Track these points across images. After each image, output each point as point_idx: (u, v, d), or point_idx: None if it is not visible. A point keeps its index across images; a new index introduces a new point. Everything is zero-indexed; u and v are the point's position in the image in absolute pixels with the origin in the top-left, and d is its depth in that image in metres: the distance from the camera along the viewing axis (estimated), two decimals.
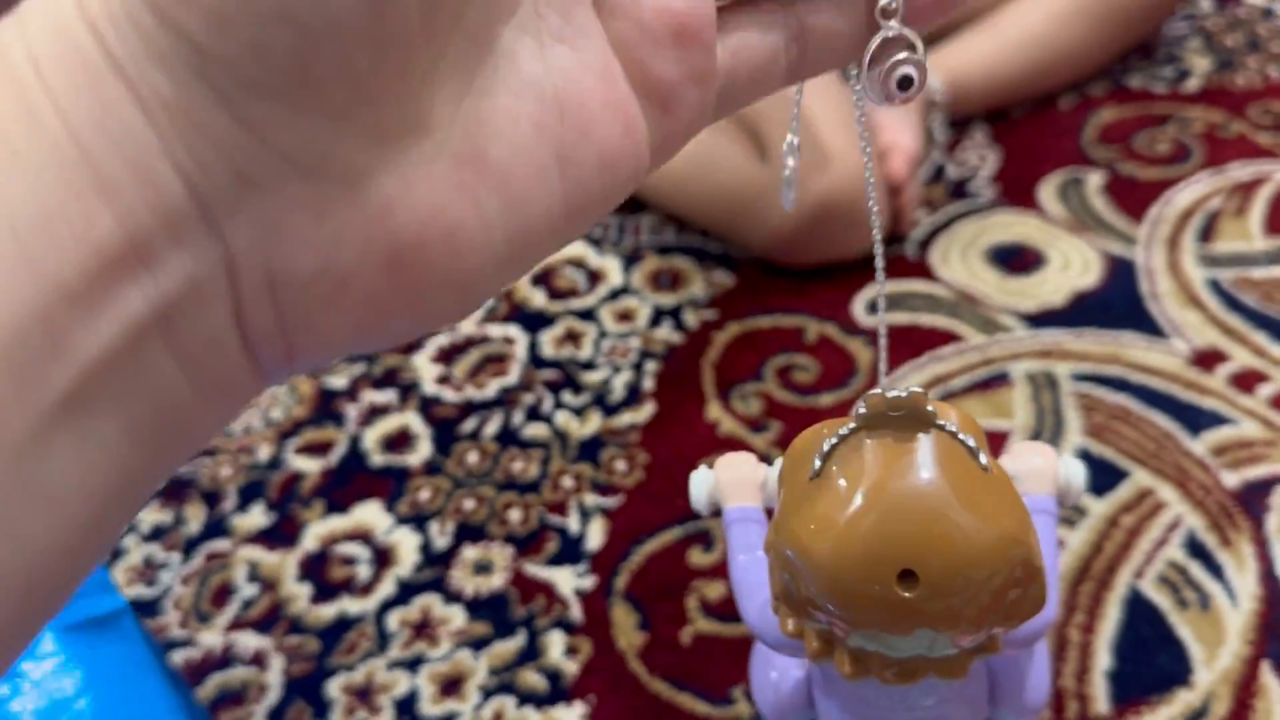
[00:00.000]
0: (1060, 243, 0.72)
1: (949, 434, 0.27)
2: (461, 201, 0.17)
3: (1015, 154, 0.80)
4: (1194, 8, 0.95)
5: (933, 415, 0.27)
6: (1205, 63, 0.88)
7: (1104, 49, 0.84)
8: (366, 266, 0.17)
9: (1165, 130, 0.81)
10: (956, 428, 0.27)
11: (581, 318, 0.71)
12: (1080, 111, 0.84)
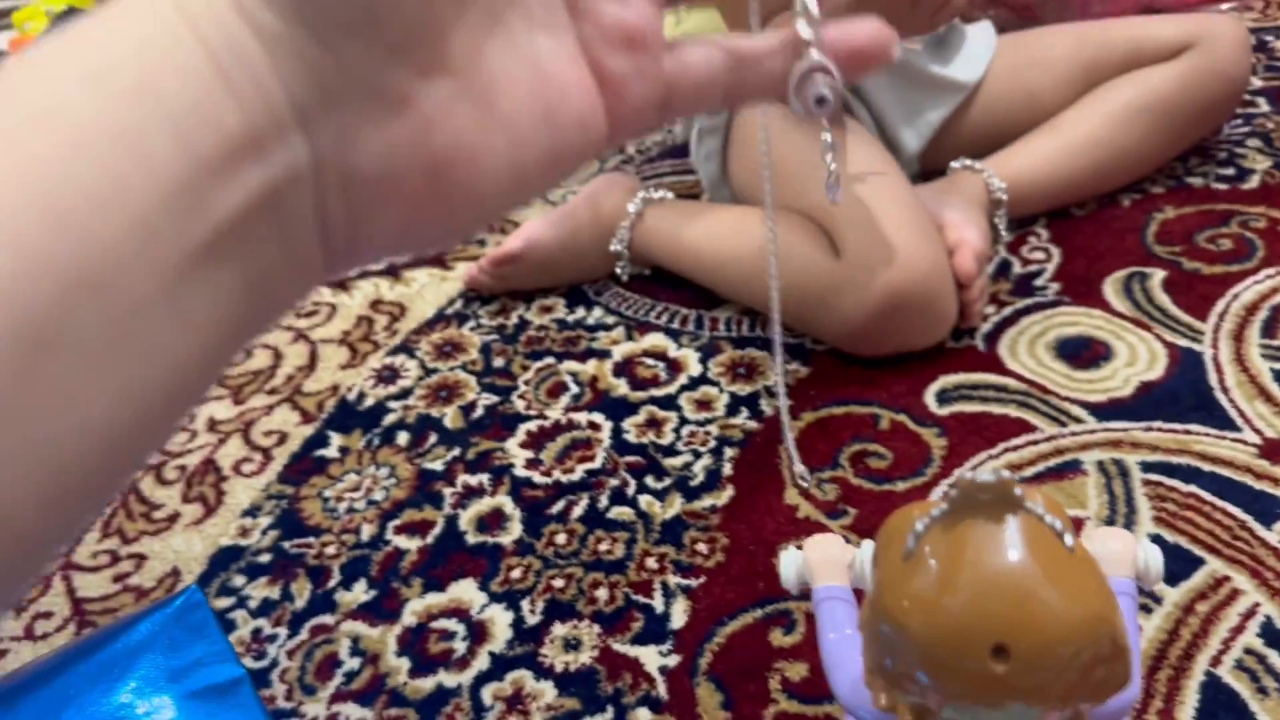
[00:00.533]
0: (1126, 336, 0.74)
1: (1036, 516, 0.29)
2: (479, 134, 0.23)
3: (1079, 251, 0.83)
4: (1252, 108, 0.98)
5: (1020, 498, 0.29)
6: (1265, 161, 0.90)
7: (1164, 150, 0.87)
8: (412, 173, 0.22)
9: (1227, 227, 0.83)
10: (1043, 510, 0.29)
11: (662, 406, 0.75)
12: (1142, 209, 0.86)
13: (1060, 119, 0.86)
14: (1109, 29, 0.89)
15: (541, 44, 0.24)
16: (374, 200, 0.22)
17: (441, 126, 0.22)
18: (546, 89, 0.24)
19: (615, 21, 0.24)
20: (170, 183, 0.19)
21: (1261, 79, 1.02)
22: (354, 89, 0.21)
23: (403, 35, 0.21)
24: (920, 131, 0.89)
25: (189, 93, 0.20)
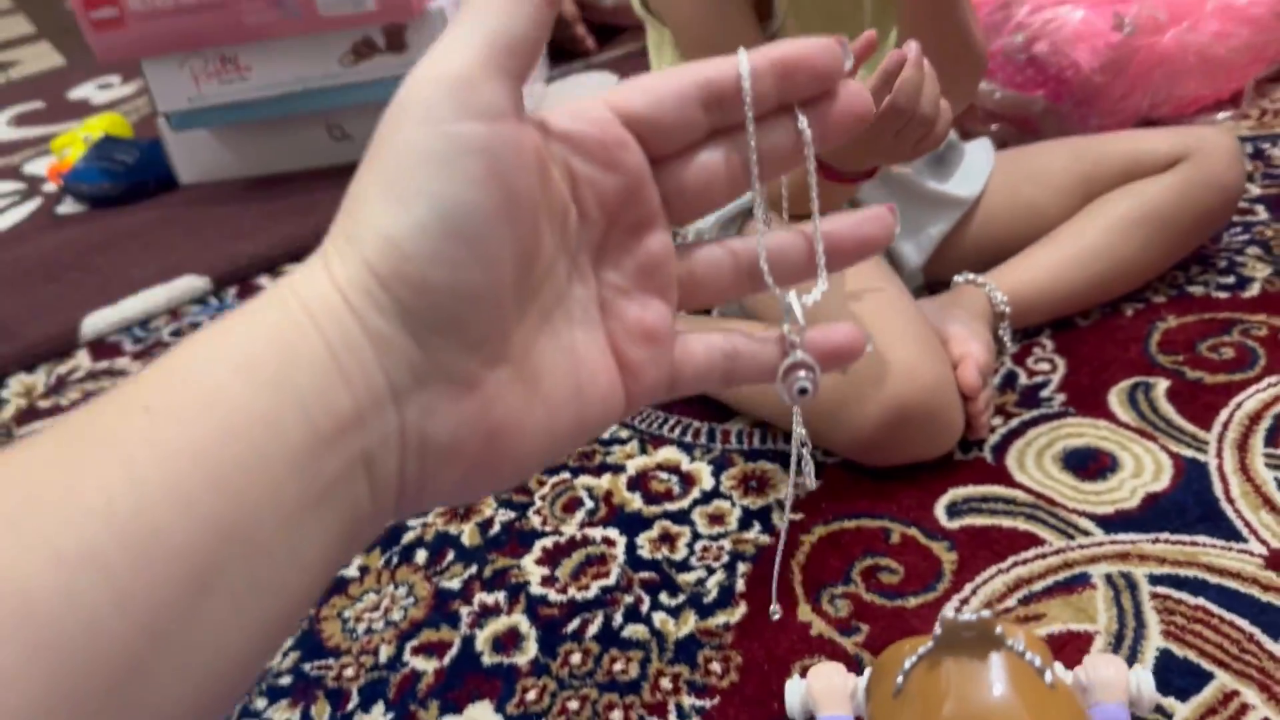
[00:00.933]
0: (1132, 447, 0.75)
1: (1017, 654, 0.31)
2: (525, 409, 0.29)
3: (1083, 361, 0.85)
4: (1251, 216, 1.00)
5: (1001, 637, 0.31)
6: (1265, 269, 0.92)
7: (1163, 259, 0.89)
8: (474, 440, 0.28)
9: (1229, 336, 0.85)
10: (1024, 648, 0.31)
11: (676, 520, 0.76)
12: (1144, 319, 0.88)
13: (1060, 231, 0.89)
14: (1104, 143, 0.92)
15: (579, 336, 0.30)
16: (442, 461, 0.27)
17: (499, 403, 0.28)
18: (580, 372, 0.30)
19: (637, 320, 0.30)
20: (297, 453, 0.24)
21: (1260, 186, 1.05)
22: (438, 375, 0.27)
23: (480, 336, 0.27)
24: (922, 246, 0.92)
25: (314, 382, 0.25)
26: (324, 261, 0.27)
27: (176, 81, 1.32)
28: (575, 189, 0.30)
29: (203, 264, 1.23)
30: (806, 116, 0.30)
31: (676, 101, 0.30)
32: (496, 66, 0.27)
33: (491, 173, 0.26)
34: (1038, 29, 1.04)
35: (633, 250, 0.31)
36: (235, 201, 1.40)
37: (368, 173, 0.27)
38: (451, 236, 0.26)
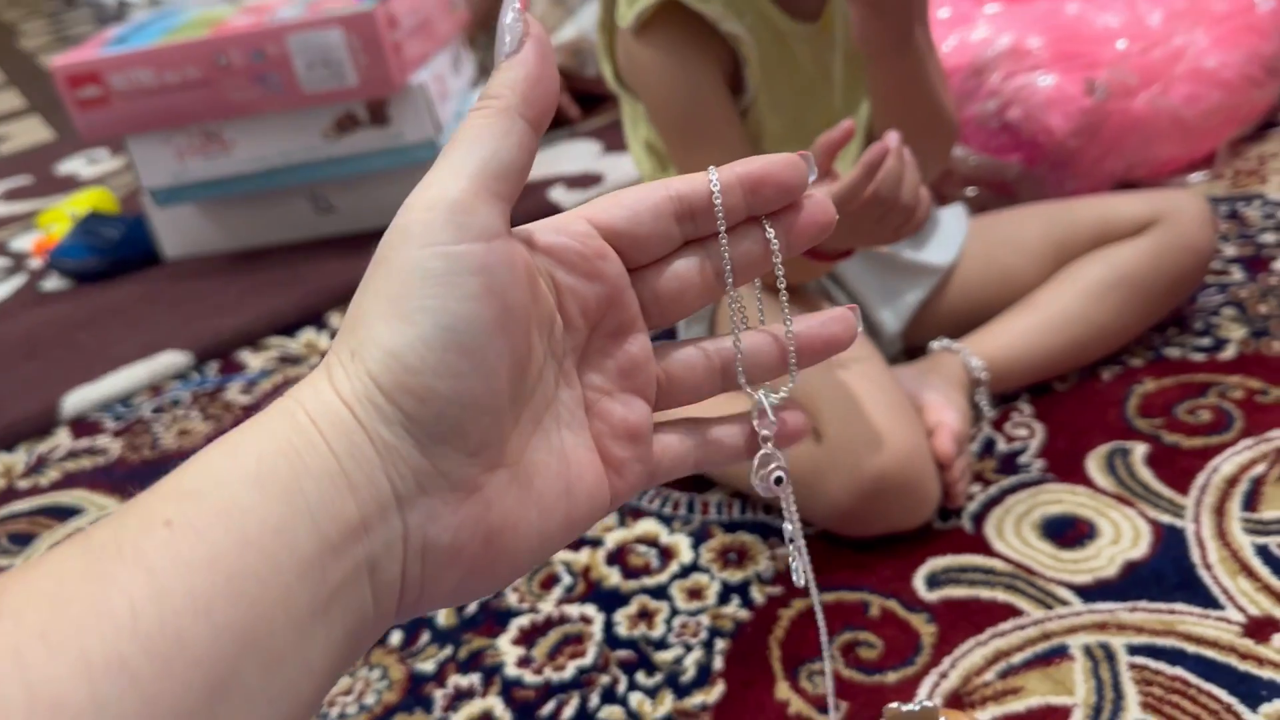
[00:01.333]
0: (1110, 514, 0.75)
1: None
2: (519, 509, 0.30)
3: (1062, 427, 0.85)
4: (1226, 277, 1.00)
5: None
6: (1240, 330, 0.92)
7: (1138, 323, 0.90)
8: (474, 543, 0.29)
9: (1206, 399, 0.85)
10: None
11: (654, 596, 0.75)
12: (1122, 383, 0.88)
13: (1035, 296, 0.89)
14: (1076, 208, 0.93)
15: (567, 438, 0.32)
16: (442, 564, 0.29)
17: (496, 505, 0.29)
18: (569, 473, 0.31)
19: (621, 420, 0.33)
20: (307, 561, 0.26)
21: (1235, 246, 1.06)
22: (441, 482, 0.28)
23: (480, 442, 0.29)
24: (900, 314, 0.92)
25: (322, 492, 0.27)
26: (328, 376, 0.29)
27: (161, 158, 1.33)
28: (560, 299, 0.32)
29: (185, 339, 1.23)
30: (774, 227, 0.32)
31: (652, 215, 0.32)
32: (489, 191, 0.29)
33: (488, 289, 0.28)
34: (1010, 95, 1.05)
35: (614, 354, 0.33)
36: (218, 275, 1.41)
37: (368, 293, 0.29)
38: (453, 349, 0.28)
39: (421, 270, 0.28)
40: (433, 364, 0.28)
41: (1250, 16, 1.19)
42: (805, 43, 0.81)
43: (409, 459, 0.28)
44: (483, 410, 0.29)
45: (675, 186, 0.32)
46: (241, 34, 1.24)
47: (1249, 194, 1.15)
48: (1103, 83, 1.05)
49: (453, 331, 0.28)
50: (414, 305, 0.28)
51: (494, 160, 0.29)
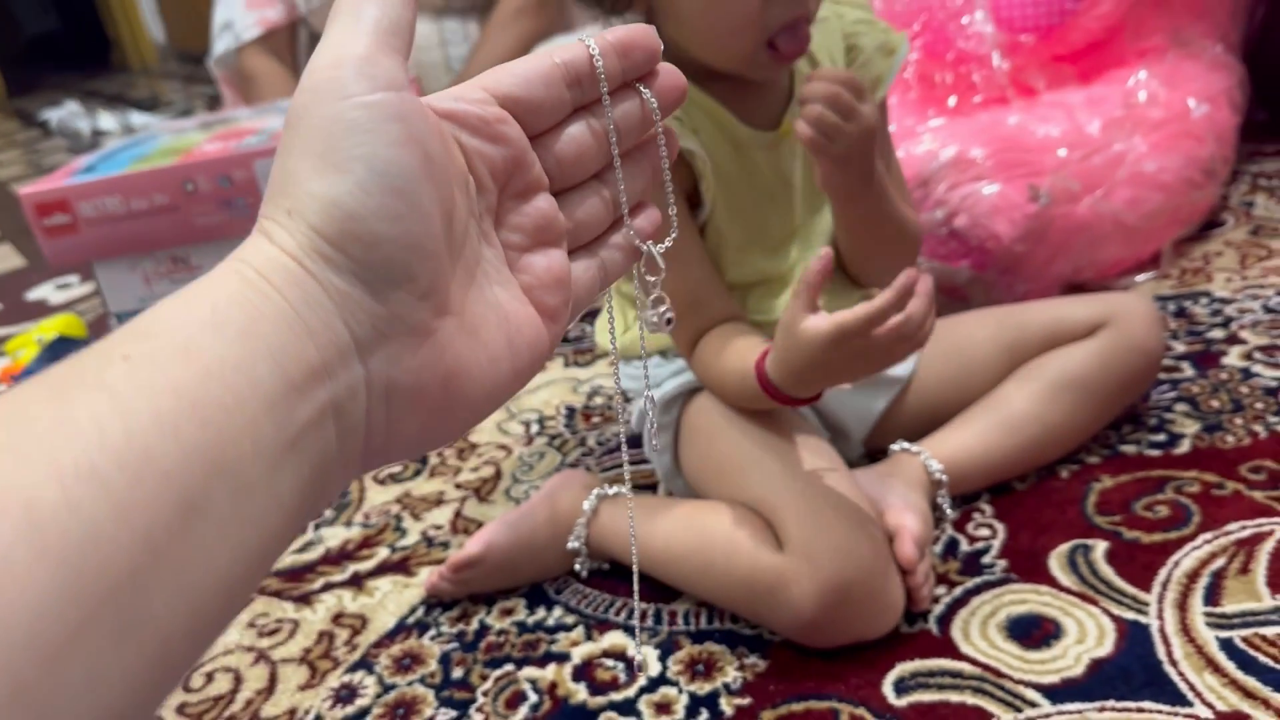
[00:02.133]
0: (1075, 612, 0.75)
1: None
2: (470, 356, 0.32)
3: (1022, 525, 0.85)
4: (1177, 373, 1.03)
5: None
6: (1193, 425, 0.94)
7: (1092, 423, 0.91)
8: (434, 384, 0.31)
9: (1163, 494, 0.86)
10: None
11: (622, 711, 0.74)
12: (1080, 480, 0.89)
13: (991, 398, 0.91)
14: (1027, 312, 0.95)
15: (500, 293, 0.34)
16: (405, 407, 0.31)
17: (449, 350, 0.31)
18: (508, 325, 0.34)
19: (546, 270, 0.35)
20: (271, 398, 0.27)
21: (1184, 344, 1.08)
22: (397, 325, 0.30)
23: (427, 286, 0.31)
24: (864, 422, 0.93)
25: (281, 336, 0.28)
26: (266, 238, 0.29)
27: (128, 283, 1.34)
28: (469, 161, 0.34)
29: None
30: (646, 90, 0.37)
31: (543, 82, 0.35)
32: (388, 46, 0.31)
33: (410, 135, 0.30)
34: (957, 204, 1.09)
35: (525, 212, 0.35)
36: None
37: (292, 154, 0.30)
38: (390, 193, 0.29)
39: (344, 121, 0.29)
40: (373, 208, 0.29)
41: (1186, 123, 1.24)
42: (764, 150, 0.84)
43: (363, 304, 0.29)
44: (426, 253, 0.30)
45: (560, 55, 0.35)
46: (208, 160, 1.26)
47: (1195, 292, 1.18)
48: (1045, 189, 1.09)
49: (386, 176, 0.29)
50: (344, 155, 0.29)
51: (385, 18, 0.31)
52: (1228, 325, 1.10)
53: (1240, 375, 1.01)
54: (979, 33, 1.29)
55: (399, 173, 0.30)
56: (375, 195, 0.29)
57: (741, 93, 0.83)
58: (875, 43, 0.87)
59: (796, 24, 0.74)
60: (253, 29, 1.88)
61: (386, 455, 0.31)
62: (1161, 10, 1.36)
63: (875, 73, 0.86)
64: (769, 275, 0.88)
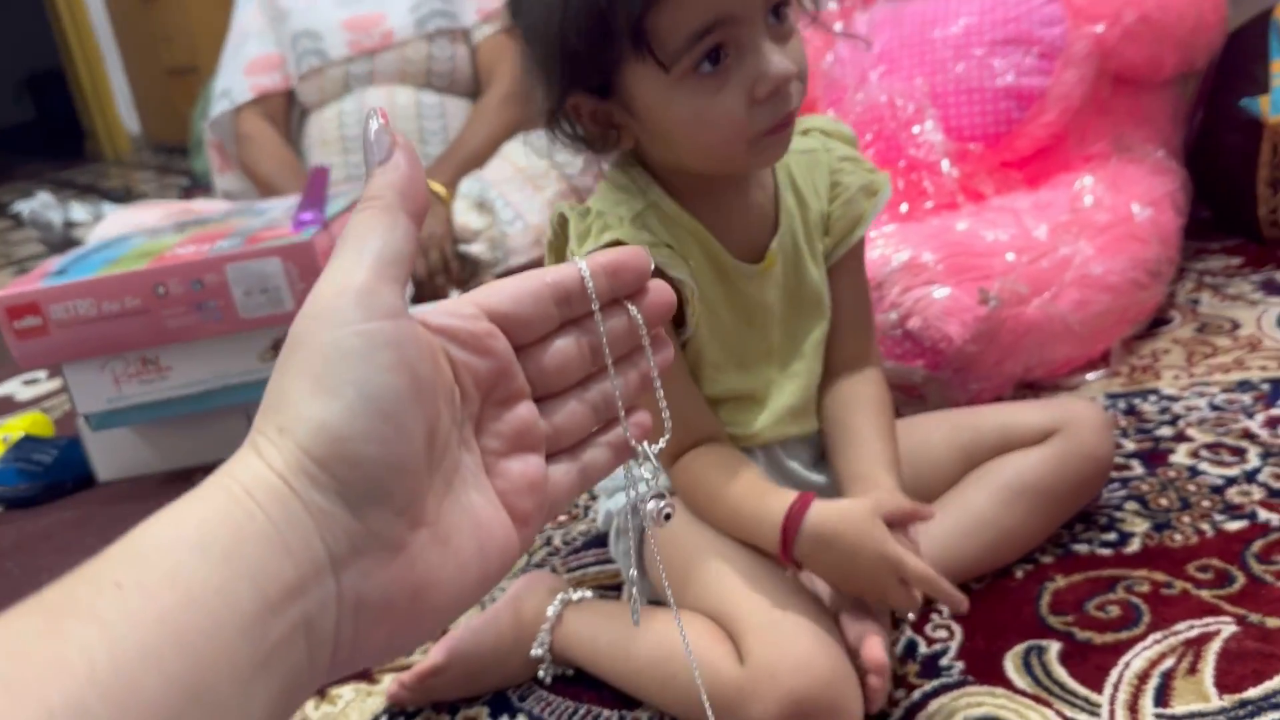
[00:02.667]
0: (1030, 715, 0.76)
1: None
2: (440, 565, 0.33)
3: (978, 627, 0.87)
4: (1127, 471, 1.05)
5: None
6: (1143, 524, 0.96)
7: (1046, 527, 0.93)
8: (402, 598, 0.32)
9: (1114, 593, 0.88)
10: None
11: None
12: (1034, 580, 0.91)
13: (945, 501, 0.92)
14: (980, 415, 0.98)
15: (475, 498, 0.36)
16: (374, 620, 0.32)
17: (419, 563, 0.33)
18: (480, 530, 0.35)
19: (521, 475, 0.37)
20: (247, 618, 0.28)
21: (1134, 442, 1.11)
22: (372, 541, 0.32)
23: (405, 502, 0.32)
24: None
25: (261, 556, 0.29)
26: (256, 453, 0.31)
27: (97, 384, 1.35)
28: (455, 372, 0.36)
29: None
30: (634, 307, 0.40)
31: (532, 299, 0.38)
32: (388, 276, 0.33)
33: (401, 361, 0.32)
34: (909, 307, 1.12)
35: (506, 419, 0.37)
36: (152, 497, 1.40)
37: (289, 375, 0.32)
38: (377, 416, 0.31)
39: (341, 348, 0.32)
40: (361, 430, 0.31)
41: (1130, 226, 1.29)
42: (748, 279, 0.86)
43: (341, 522, 0.31)
44: (406, 472, 0.32)
45: (551, 275, 0.38)
46: (181, 264, 1.28)
47: (1145, 390, 1.22)
48: (995, 292, 1.13)
49: (376, 400, 0.31)
50: (338, 379, 0.31)
51: (386, 250, 0.34)
52: (1175, 423, 1.13)
53: (1188, 473, 1.04)
54: (929, 141, 1.34)
55: (388, 397, 0.32)
56: (363, 418, 0.31)
57: (729, 219, 0.85)
58: (859, 182, 0.90)
59: (781, 126, 0.76)
60: (248, 92, 1.99)
61: (353, 664, 0.32)
62: (1104, 118, 1.42)
63: (857, 212, 0.89)
64: (743, 392, 0.89)
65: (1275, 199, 1.52)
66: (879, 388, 0.93)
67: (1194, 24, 1.41)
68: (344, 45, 1.93)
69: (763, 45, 0.73)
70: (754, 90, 0.73)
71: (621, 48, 0.73)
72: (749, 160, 0.78)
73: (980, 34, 1.41)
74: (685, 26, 0.72)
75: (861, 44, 1.48)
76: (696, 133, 0.76)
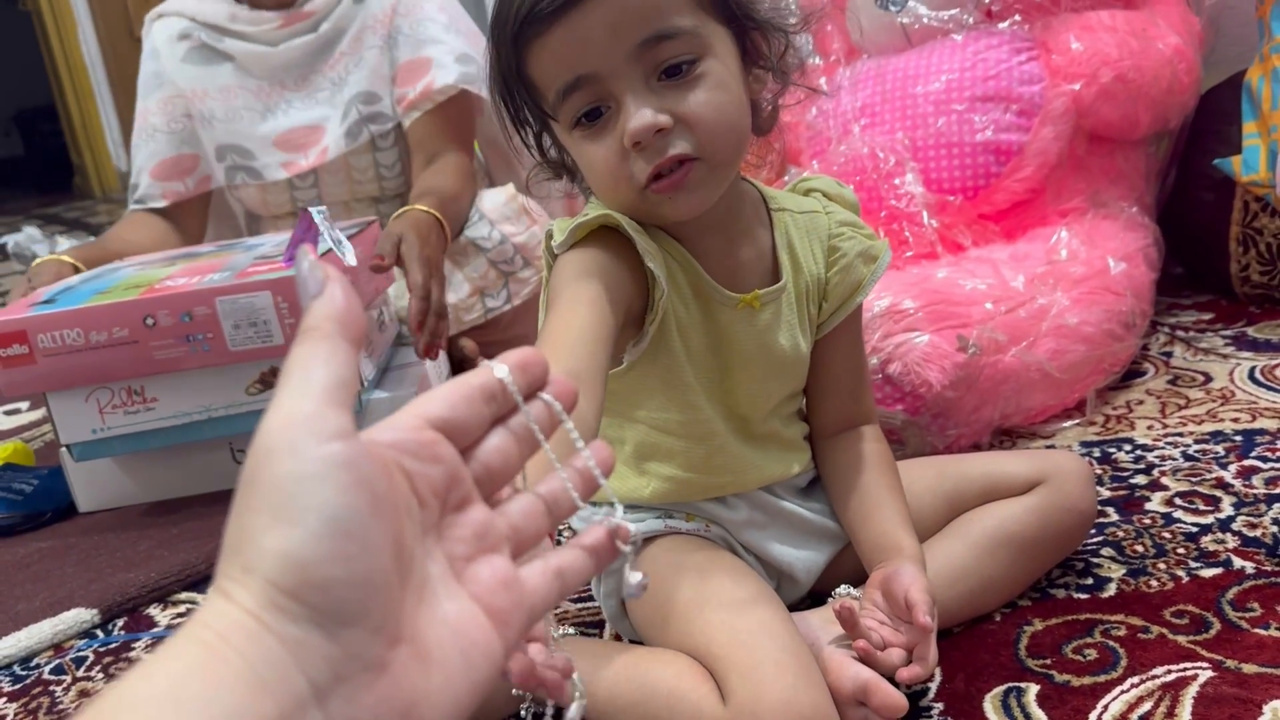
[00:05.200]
0: None
1: None
2: (425, 680, 0.34)
3: (957, 668, 0.88)
4: (1103, 517, 1.07)
5: None
6: (1119, 569, 0.98)
7: (1027, 577, 0.94)
8: (392, 718, 0.32)
9: (1091, 637, 0.89)
10: None
11: None
12: (1013, 623, 0.92)
13: (930, 549, 0.93)
14: (964, 463, 0.99)
15: (449, 608, 0.36)
16: None
17: (404, 681, 0.33)
18: (461, 640, 0.36)
19: (490, 577, 0.38)
20: None
21: (1109, 489, 1.13)
22: (352, 664, 0.32)
23: (380, 620, 0.33)
24: (810, 570, 0.96)
25: (237, 699, 0.29)
26: (224, 597, 0.31)
27: (81, 414, 1.35)
28: (412, 484, 0.37)
29: (92, 596, 1.22)
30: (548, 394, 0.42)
31: (466, 402, 0.39)
32: (334, 402, 0.34)
33: (358, 480, 0.33)
34: (890, 352, 1.14)
35: (464, 523, 0.38)
36: (133, 528, 1.40)
37: (246, 514, 0.32)
38: (340, 537, 0.32)
39: (296, 476, 0.32)
40: (326, 553, 0.31)
41: (1105, 279, 1.32)
42: (724, 307, 0.87)
43: (319, 649, 0.31)
44: (377, 587, 0.33)
45: (473, 380, 0.41)
46: (171, 296, 1.29)
47: (1119, 439, 1.24)
48: (974, 340, 1.15)
49: (337, 521, 0.32)
50: (297, 507, 0.32)
51: (329, 376, 0.35)
52: (1150, 471, 1.15)
53: (1162, 520, 1.05)
54: (910, 193, 1.37)
55: (350, 516, 0.32)
56: (327, 541, 0.32)
57: (719, 258, 0.86)
58: (858, 248, 0.91)
59: (662, 171, 0.77)
60: (160, 199, 1.76)
61: None
62: (1080, 174, 1.46)
63: (855, 279, 0.91)
64: (715, 430, 0.90)
65: (1247, 257, 1.56)
66: (881, 444, 0.95)
67: (1168, 85, 1.45)
68: (278, 167, 1.72)
69: (627, 101, 0.75)
70: (623, 141, 0.76)
71: (522, 98, 0.81)
72: (650, 211, 0.80)
73: (961, 90, 1.45)
74: (551, 83, 0.77)
75: (823, 95, 1.51)
76: (592, 179, 0.81)
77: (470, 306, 1.67)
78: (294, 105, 1.72)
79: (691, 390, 0.88)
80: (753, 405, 0.91)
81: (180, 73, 1.74)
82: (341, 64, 1.71)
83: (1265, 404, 1.28)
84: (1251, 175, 1.50)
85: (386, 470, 0.35)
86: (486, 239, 1.64)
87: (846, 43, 1.68)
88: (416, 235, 1.36)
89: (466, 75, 1.66)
